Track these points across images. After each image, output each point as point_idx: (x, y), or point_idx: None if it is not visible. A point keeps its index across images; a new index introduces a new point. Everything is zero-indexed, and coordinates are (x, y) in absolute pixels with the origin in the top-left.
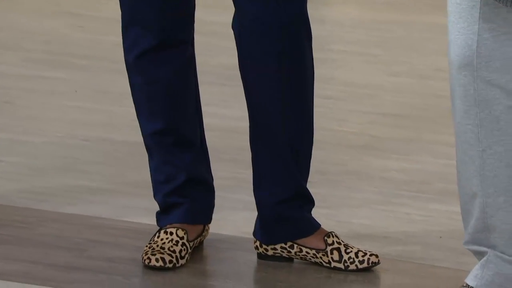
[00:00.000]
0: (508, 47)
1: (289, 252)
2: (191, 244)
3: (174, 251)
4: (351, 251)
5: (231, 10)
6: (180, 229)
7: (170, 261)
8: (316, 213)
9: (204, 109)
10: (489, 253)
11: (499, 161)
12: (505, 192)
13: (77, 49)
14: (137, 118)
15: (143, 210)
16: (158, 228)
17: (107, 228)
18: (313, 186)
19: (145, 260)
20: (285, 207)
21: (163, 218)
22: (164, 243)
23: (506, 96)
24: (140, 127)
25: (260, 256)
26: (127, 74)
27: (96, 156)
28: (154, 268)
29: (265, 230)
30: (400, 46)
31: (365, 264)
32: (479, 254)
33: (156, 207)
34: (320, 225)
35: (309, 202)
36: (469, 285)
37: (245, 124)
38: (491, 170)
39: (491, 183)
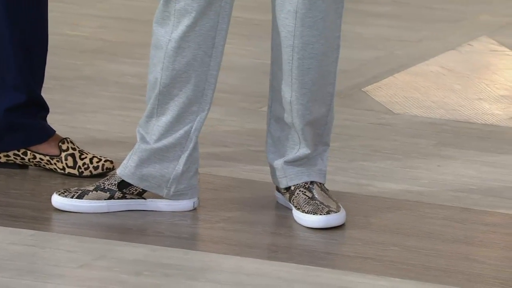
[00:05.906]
0: None
1: (23, 159)
2: None
3: None
4: (86, 157)
5: None
6: None
7: None
8: (50, 119)
9: None
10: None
11: None
12: None
13: None
14: None
15: None
16: None
17: None
18: (47, 92)
19: None
20: (17, 114)
21: None
22: None
23: None
24: None
25: None
26: None
27: None
28: None
29: None
30: None
31: (99, 170)
32: None
33: None
34: (54, 131)
35: (43, 108)
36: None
37: None
38: None
39: None
